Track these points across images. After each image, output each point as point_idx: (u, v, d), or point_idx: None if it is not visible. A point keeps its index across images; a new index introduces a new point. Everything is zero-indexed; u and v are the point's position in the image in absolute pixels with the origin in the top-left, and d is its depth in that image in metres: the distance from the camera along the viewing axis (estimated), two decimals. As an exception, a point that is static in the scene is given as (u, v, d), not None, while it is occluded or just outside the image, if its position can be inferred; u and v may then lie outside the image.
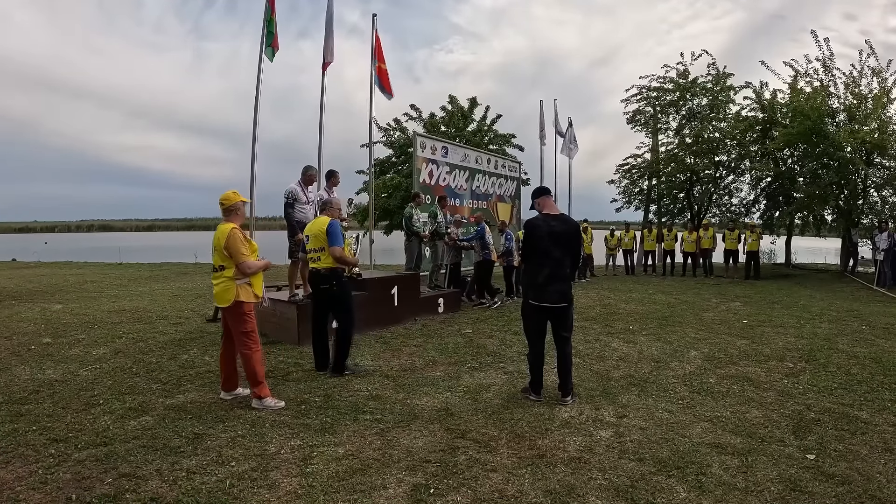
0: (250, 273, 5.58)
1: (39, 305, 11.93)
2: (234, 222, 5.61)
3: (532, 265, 5.79)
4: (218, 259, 5.54)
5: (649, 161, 25.46)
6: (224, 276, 5.52)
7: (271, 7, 9.83)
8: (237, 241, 5.48)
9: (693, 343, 8.51)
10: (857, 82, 19.41)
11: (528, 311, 5.88)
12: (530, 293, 5.84)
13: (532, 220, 5.86)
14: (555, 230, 5.70)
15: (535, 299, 5.76)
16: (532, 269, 5.80)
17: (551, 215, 5.85)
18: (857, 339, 8.80)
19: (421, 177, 12.95)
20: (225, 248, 5.45)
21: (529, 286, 5.87)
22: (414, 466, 4.22)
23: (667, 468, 4.20)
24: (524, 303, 5.99)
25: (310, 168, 8.63)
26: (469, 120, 22.80)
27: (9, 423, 5.00)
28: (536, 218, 5.88)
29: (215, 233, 5.58)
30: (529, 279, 5.87)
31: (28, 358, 7.39)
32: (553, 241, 5.67)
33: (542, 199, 6.02)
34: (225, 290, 5.51)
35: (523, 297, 6.12)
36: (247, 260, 5.52)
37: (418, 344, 8.37)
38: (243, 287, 5.56)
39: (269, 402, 5.53)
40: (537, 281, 5.72)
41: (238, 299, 5.52)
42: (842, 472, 4.15)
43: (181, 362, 7.20)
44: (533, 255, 5.75)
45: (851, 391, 6.15)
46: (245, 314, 5.61)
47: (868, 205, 20.49)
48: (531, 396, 5.85)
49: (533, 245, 5.73)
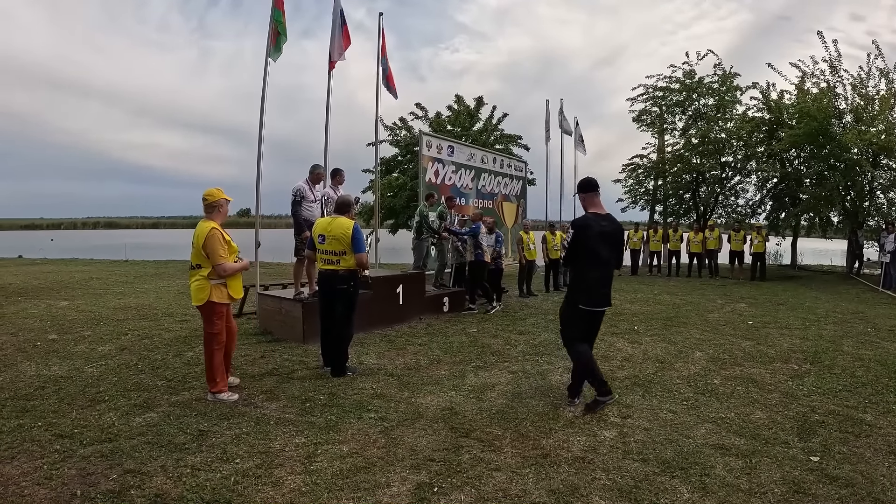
0: (226, 275, 5.61)
1: (45, 302, 11.98)
2: (216, 220, 5.63)
3: (582, 267, 5.49)
4: (195, 257, 5.57)
5: (655, 161, 25.44)
6: (200, 274, 5.56)
7: (278, 4, 9.80)
8: (216, 241, 5.49)
9: (698, 344, 8.50)
10: (864, 83, 19.35)
11: (577, 316, 5.52)
12: (581, 297, 5.47)
13: (584, 220, 5.47)
14: (605, 230, 5.43)
15: (587, 304, 5.45)
16: (583, 272, 5.49)
17: (600, 214, 5.53)
18: (862, 342, 8.77)
19: (427, 175, 12.94)
20: (203, 248, 5.47)
21: (580, 290, 5.49)
22: (418, 465, 4.23)
23: (670, 469, 4.19)
24: (571, 307, 5.56)
25: (318, 167, 8.66)
26: (475, 119, 22.78)
27: (14, 419, 5.03)
28: (587, 217, 5.49)
29: (195, 230, 5.59)
30: (580, 282, 5.52)
31: (34, 354, 7.42)
32: (603, 241, 5.40)
33: (591, 195, 5.64)
34: (199, 288, 5.55)
35: (570, 301, 5.58)
36: (224, 262, 5.52)
37: (423, 343, 8.38)
38: (217, 287, 5.59)
39: (224, 396, 5.65)
40: (589, 284, 5.44)
41: (211, 300, 5.56)
42: (846, 474, 4.13)
43: (186, 359, 7.23)
44: (583, 256, 5.43)
45: (856, 393, 6.13)
46: (215, 314, 5.65)
47: (874, 206, 20.43)
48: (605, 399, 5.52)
49: (584, 246, 5.40)
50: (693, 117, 24.57)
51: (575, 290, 5.59)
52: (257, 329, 9.02)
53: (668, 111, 25.27)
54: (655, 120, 25.54)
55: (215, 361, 5.64)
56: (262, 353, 7.56)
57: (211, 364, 5.64)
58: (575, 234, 5.48)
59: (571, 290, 5.64)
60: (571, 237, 5.55)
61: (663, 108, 25.26)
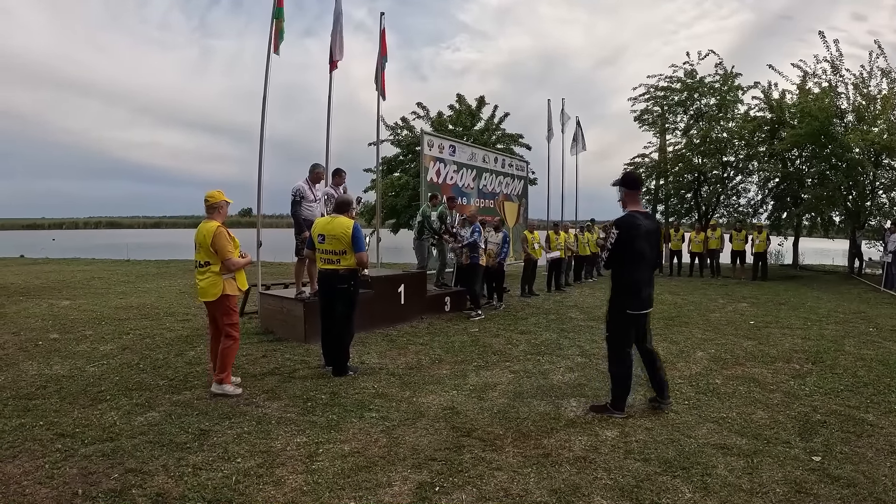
0: (235, 270, 5.93)
1: (47, 301, 11.99)
2: (217, 220, 5.88)
3: (629, 269, 5.25)
4: (203, 256, 5.84)
5: (657, 161, 25.41)
6: (211, 271, 5.83)
7: (280, 3, 9.81)
8: (223, 238, 5.80)
9: (699, 344, 8.49)
10: (866, 83, 19.34)
11: (626, 320, 5.29)
12: (628, 301, 5.24)
13: (631, 218, 5.22)
14: (649, 229, 5.28)
15: (635, 308, 5.26)
16: (630, 274, 5.26)
17: (641, 212, 5.37)
18: (864, 341, 8.76)
19: (428, 175, 12.93)
20: (212, 246, 5.75)
21: (628, 294, 5.25)
22: (419, 464, 4.23)
23: (672, 468, 4.19)
24: (619, 313, 5.30)
25: (318, 166, 8.63)
26: (477, 119, 22.77)
27: (16, 418, 5.03)
28: (633, 216, 5.26)
29: (199, 230, 5.86)
30: (627, 286, 5.26)
31: (35, 353, 7.43)
32: (647, 241, 5.26)
33: (634, 192, 5.51)
34: (212, 284, 5.82)
35: (617, 306, 5.31)
36: (232, 257, 5.84)
37: (425, 342, 8.39)
38: (228, 281, 5.90)
39: (229, 388, 5.84)
40: (638, 287, 5.24)
41: (225, 293, 5.87)
42: (847, 474, 4.13)
43: (188, 359, 7.23)
44: (629, 257, 5.20)
45: (858, 393, 6.12)
46: (231, 307, 6.00)
47: (876, 206, 20.41)
48: (617, 414, 5.31)
49: (631, 246, 5.17)
50: (694, 117, 24.54)
51: (622, 294, 5.30)
52: (259, 328, 9.02)
53: (669, 111, 25.23)
54: (657, 119, 25.51)
55: (233, 351, 5.97)
56: (263, 352, 7.56)
57: (230, 354, 5.91)
58: (622, 234, 5.17)
59: (618, 295, 5.32)
60: (617, 237, 5.18)
61: (665, 107, 25.24)
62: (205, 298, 5.89)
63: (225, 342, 5.89)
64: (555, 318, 10.68)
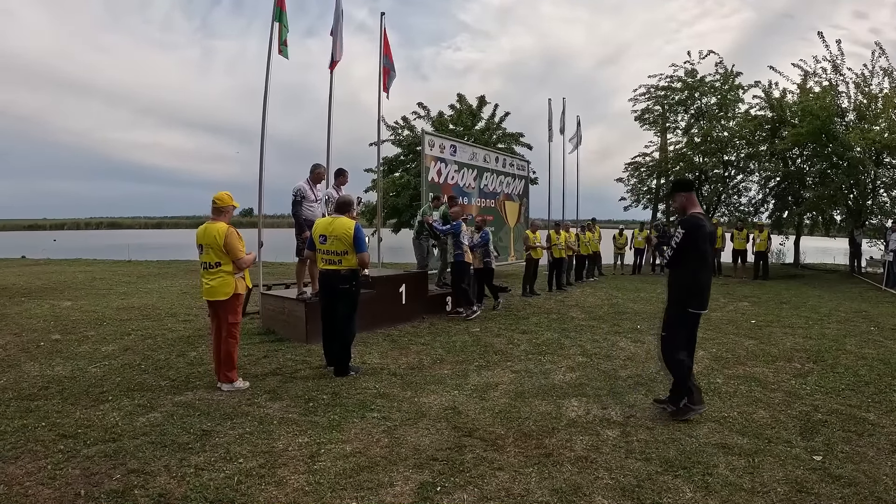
0: (245, 267, 6.14)
1: (49, 302, 12.00)
2: (224, 221, 6.02)
3: (694, 270, 5.23)
4: (214, 256, 5.94)
5: (658, 160, 25.44)
6: (223, 271, 5.97)
7: (281, 4, 9.81)
8: (235, 238, 5.97)
9: (701, 343, 8.44)
10: (867, 82, 19.35)
11: (690, 320, 5.38)
12: (694, 301, 5.27)
13: (696, 220, 5.22)
14: (710, 230, 5.31)
15: (698, 308, 5.30)
16: (695, 274, 5.24)
17: (701, 214, 5.38)
18: (865, 340, 8.77)
19: (429, 175, 12.94)
20: (224, 246, 5.88)
21: (692, 293, 5.26)
22: (421, 464, 4.24)
23: (673, 468, 4.20)
24: (681, 313, 5.34)
25: (318, 166, 8.62)
26: (477, 118, 22.75)
27: (18, 419, 5.04)
28: (698, 217, 5.26)
29: (207, 231, 5.94)
30: (691, 286, 5.25)
31: (37, 354, 7.44)
32: (709, 242, 5.31)
33: (691, 194, 5.48)
34: (224, 284, 5.96)
35: (680, 305, 5.33)
36: (244, 256, 6.06)
37: (426, 342, 8.40)
38: (239, 280, 6.08)
39: (239, 384, 6.06)
40: (701, 287, 5.26)
41: (236, 292, 6.05)
42: (848, 473, 4.13)
43: (189, 359, 7.24)
44: (694, 257, 5.20)
45: (859, 392, 6.13)
46: (238, 305, 6.20)
47: (877, 205, 20.42)
48: (696, 408, 5.31)
49: (696, 247, 5.17)
50: (695, 116, 24.58)
51: (686, 293, 5.29)
52: (260, 329, 9.03)
53: (670, 110, 25.28)
54: (658, 119, 25.55)
55: (236, 349, 6.14)
56: (265, 352, 7.57)
57: (234, 352, 6.09)
58: (687, 235, 5.16)
59: (681, 295, 5.31)
60: (682, 237, 5.16)
61: (665, 106, 25.27)
62: (215, 298, 5.96)
63: (228, 341, 6.00)
64: (556, 318, 10.68)
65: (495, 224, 16.00)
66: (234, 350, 6.09)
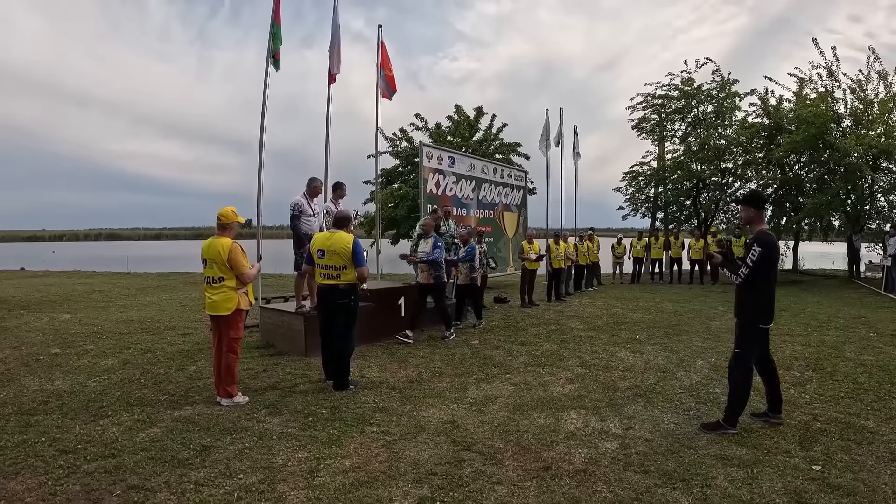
0: (249, 282, 6.20)
1: (48, 315, 12.00)
2: (228, 237, 6.10)
3: (766, 284, 5.24)
4: (217, 271, 5.99)
5: (655, 168, 25.49)
6: (226, 286, 6.01)
7: (277, 16, 9.88)
8: (239, 254, 6.04)
9: (700, 352, 8.50)
10: (863, 87, 19.43)
11: (759, 335, 5.36)
12: (764, 317, 5.29)
13: (770, 237, 5.22)
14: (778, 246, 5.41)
15: (766, 322, 5.32)
16: (767, 290, 5.26)
17: (769, 229, 5.40)
18: (864, 347, 8.78)
19: (428, 187, 12.97)
20: (228, 261, 5.94)
21: (764, 309, 5.27)
22: (420, 479, 4.24)
23: (672, 480, 4.20)
24: (753, 327, 5.32)
25: (315, 180, 8.64)
26: (475, 129, 22.83)
27: (18, 434, 5.05)
28: (770, 234, 5.26)
29: (212, 246, 6.01)
30: (763, 301, 5.26)
31: (37, 368, 7.45)
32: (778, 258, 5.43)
33: (762, 212, 5.52)
34: (227, 299, 6.00)
35: (752, 321, 5.32)
36: (248, 271, 6.12)
37: (425, 355, 8.39)
38: (242, 296, 6.11)
39: (238, 398, 6.08)
40: (770, 302, 5.27)
41: (238, 307, 6.07)
42: (847, 483, 4.15)
43: (189, 374, 7.24)
44: (766, 273, 5.20)
45: (858, 400, 6.14)
46: (240, 321, 6.21)
47: (875, 210, 20.47)
48: (731, 430, 5.26)
49: (770, 263, 5.19)
50: (692, 124, 24.63)
51: (758, 309, 5.29)
52: (259, 342, 9.03)
53: (667, 118, 25.35)
54: (655, 127, 25.61)
55: (236, 364, 6.18)
56: (264, 366, 7.57)
57: (234, 367, 6.13)
58: (765, 252, 5.15)
59: (755, 310, 5.30)
60: (760, 255, 5.13)
61: (662, 115, 25.34)
62: (217, 312, 6.00)
63: (228, 356, 6.03)
64: (555, 329, 10.68)
65: (494, 235, 16.02)
66: (235, 365, 6.12)
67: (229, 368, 6.03)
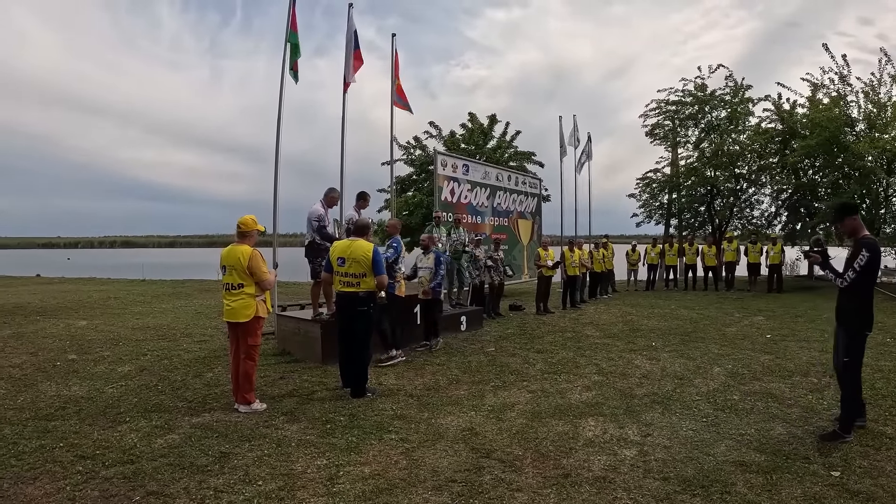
0: (269, 288, 6.29)
1: (64, 321, 12.10)
2: (248, 244, 6.14)
3: (869, 291, 5.20)
4: (237, 278, 6.03)
5: (669, 175, 25.40)
6: (245, 293, 6.05)
7: (293, 25, 9.86)
8: (259, 260, 6.09)
9: (716, 359, 8.46)
10: (876, 90, 19.32)
11: (863, 342, 5.26)
12: (866, 323, 5.19)
13: (875, 242, 5.15)
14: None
15: (869, 328, 5.20)
16: (870, 296, 5.20)
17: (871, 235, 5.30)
18: (881, 353, 8.69)
19: (443, 195, 13.01)
20: (248, 268, 5.98)
21: (867, 315, 5.18)
22: (440, 486, 4.24)
23: (691, 487, 4.18)
24: (859, 334, 5.22)
25: (333, 190, 8.72)
26: (489, 137, 22.83)
27: (36, 440, 5.09)
28: (875, 240, 5.22)
29: (232, 253, 6.06)
30: (867, 308, 5.17)
31: (54, 374, 7.51)
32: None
33: (857, 218, 5.29)
34: (245, 306, 6.04)
35: (858, 328, 5.22)
36: (268, 277, 6.19)
37: (442, 363, 8.40)
38: (260, 304, 6.15)
39: (256, 405, 6.09)
40: (871, 308, 5.18)
41: (257, 315, 6.10)
42: (866, 489, 4.12)
43: (206, 380, 7.27)
44: (871, 280, 5.15)
45: (876, 406, 6.08)
46: (258, 328, 6.25)
47: (890, 213, 20.30)
48: (847, 437, 5.11)
49: (875, 269, 5.11)
50: (706, 130, 24.54)
51: (864, 316, 5.19)
52: (276, 349, 9.07)
53: (680, 124, 25.27)
54: (668, 134, 25.54)
55: (254, 371, 6.21)
56: (281, 373, 7.60)
57: (252, 374, 6.15)
58: (873, 258, 5.05)
59: (860, 317, 5.20)
60: (867, 260, 5.03)
61: (676, 121, 25.27)
62: (235, 319, 6.04)
63: (246, 363, 6.06)
64: (571, 336, 10.66)
65: (509, 242, 16.02)
66: (253, 372, 6.15)
67: (247, 375, 6.06)
